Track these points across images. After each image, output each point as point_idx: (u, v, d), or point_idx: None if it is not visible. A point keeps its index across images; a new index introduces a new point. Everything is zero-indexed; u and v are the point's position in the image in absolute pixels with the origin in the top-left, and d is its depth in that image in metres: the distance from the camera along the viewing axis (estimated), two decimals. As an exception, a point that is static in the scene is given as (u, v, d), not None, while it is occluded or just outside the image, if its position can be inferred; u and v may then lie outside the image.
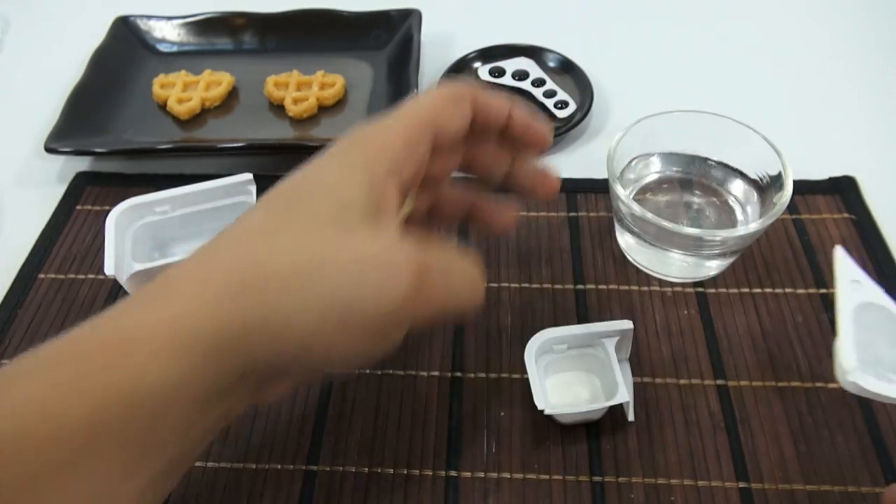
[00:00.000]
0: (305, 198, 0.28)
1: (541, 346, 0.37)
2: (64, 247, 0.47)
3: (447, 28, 0.64)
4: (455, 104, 0.31)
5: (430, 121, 0.30)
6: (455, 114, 0.31)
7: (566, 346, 0.38)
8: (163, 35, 0.61)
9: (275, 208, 0.28)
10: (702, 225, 0.44)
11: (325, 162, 0.29)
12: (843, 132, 0.54)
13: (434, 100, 0.31)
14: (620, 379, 0.36)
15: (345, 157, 0.29)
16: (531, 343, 0.37)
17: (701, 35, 0.63)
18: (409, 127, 0.30)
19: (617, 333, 0.37)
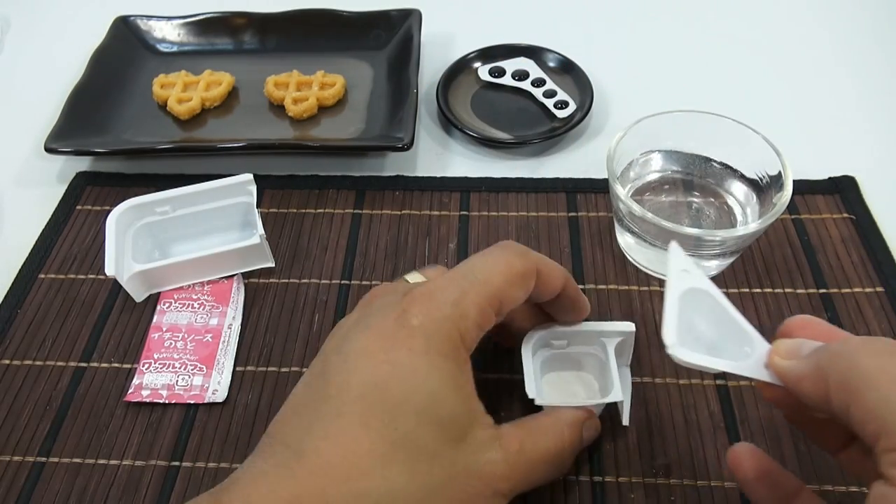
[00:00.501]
0: (410, 415, 0.27)
1: (539, 340, 0.36)
2: (64, 247, 0.47)
3: (447, 28, 0.64)
4: (524, 281, 0.31)
5: (499, 300, 0.30)
6: (521, 293, 0.31)
7: (566, 342, 0.37)
8: (163, 35, 0.61)
9: (376, 427, 0.27)
10: (702, 225, 0.44)
11: (413, 362, 0.28)
12: (843, 132, 0.54)
13: (507, 277, 0.30)
14: (616, 379, 0.35)
15: (432, 359, 0.28)
16: (529, 335, 0.36)
17: (701, 35, 0.63)
18: (482, 308, 0.29)
19: (618, 335, 0.37)
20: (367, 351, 0.28)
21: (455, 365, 0.29)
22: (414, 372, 0.28)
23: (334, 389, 0.28)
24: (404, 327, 0.28)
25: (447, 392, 0.28)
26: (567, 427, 0.32)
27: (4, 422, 0.39)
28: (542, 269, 0.32)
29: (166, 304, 0.43)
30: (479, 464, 0.29)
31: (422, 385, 0.28)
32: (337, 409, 0.27)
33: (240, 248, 0.43)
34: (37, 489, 0.36)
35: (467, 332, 0.29)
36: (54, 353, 0.42)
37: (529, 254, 0.32)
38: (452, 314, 0.29)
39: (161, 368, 0.40)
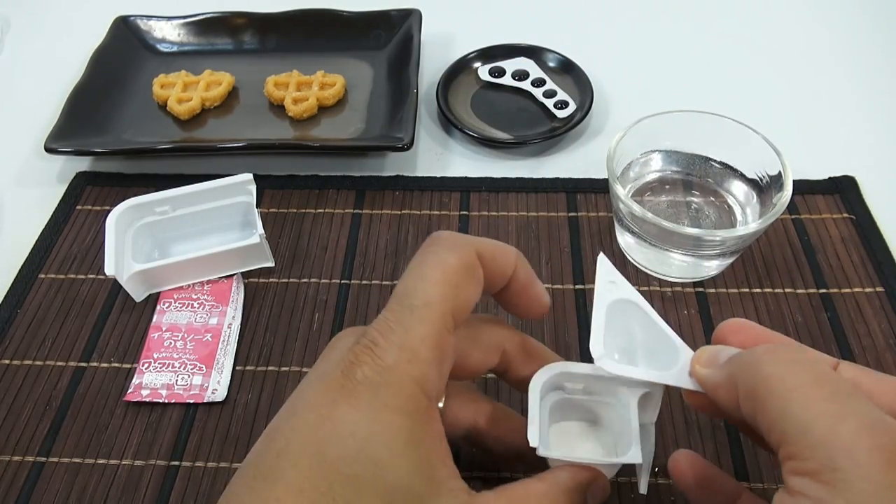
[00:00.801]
0: (347, 485, 0.23)
1: (550, 381, 0.30)
2: (64, 247, 0.47)
3: (447, 28, 0.64)
4: (468, 275, 0.26)
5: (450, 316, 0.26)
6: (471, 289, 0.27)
7: (581, 386, 0.31)
8: (163, 35, 0.61)
9: (312, 497, 0.23)
10: (702, 225, 0.44)
11: (356, 420, 0.24)
12: (843, 132, 0.54)
13: (447, 283, 0.26)
14: (636, 437, 0.29)
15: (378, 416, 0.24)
16: (540, 374, 0.30)
17: (701, 35, 0.63)
18: (434, 340, 0.25)
19: (643, 386, 0.30)
20: (310, 406, 0.25)
21: (410, 420, 0.24)
22: (355, 432, 0.23)
23: (275, 450, 0.24)
24: (349, 380, 0.24)
25: (396, 456, 0.23)
26: (564, 495, 0.27)
27: (4, 422, 0.39)
28: (485, 250, 0.27)
29: (166, 304, 0.43)
30: None
31: (362, 449, 0.23)
32: (274, 472, 0.24)
33: (239, 248, 0.43)
34: (37, 489, 0.36)
35: (425, 377, 0.25)
36: (54, 352, 0.42)
37: (464, 241, 0.27)
38: (399, 359, 0.24)
39: (161, 368, 0.40)
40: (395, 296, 0.26)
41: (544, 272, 0.45)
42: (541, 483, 0.27)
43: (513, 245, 0.46)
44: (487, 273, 0.27)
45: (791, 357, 0.24)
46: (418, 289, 0.26)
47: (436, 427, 0.25)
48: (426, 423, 0.25)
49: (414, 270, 0.26)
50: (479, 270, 0.27)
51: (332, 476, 0.23)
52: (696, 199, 0.45)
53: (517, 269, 0.29)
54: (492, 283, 0.28)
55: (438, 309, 0.25)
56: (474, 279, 0.27)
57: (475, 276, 0.27)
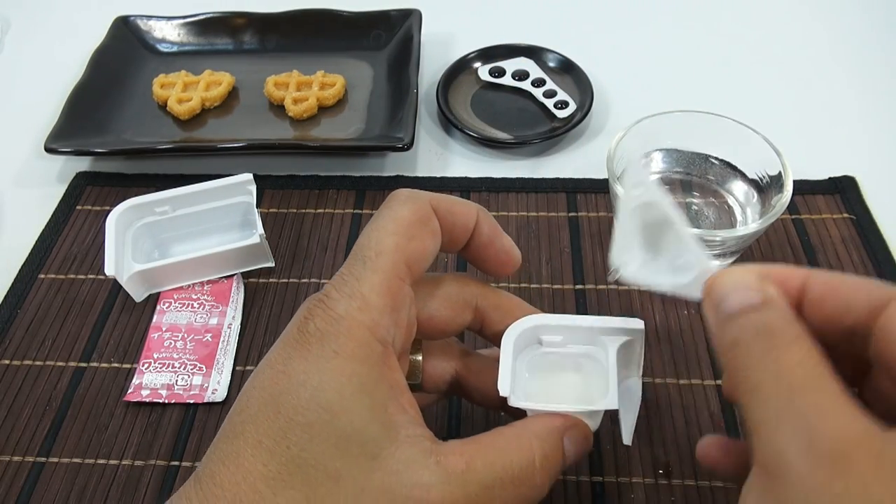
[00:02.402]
0: (300, 432, 0.23)
1: (526, 333, 0.30)
2: (64, 247, 0.47)
3: (447, 28, 0.64)
4: (422, 226, 0.27)
5: (404, 264, 0.26)
6: (427, 241, 0.27)
7: (560, 338, 0.30)
8: (163, 35, 0.61)
9: (269, 446, 0.24)
10: (702, 225, 0.44)
11: (307, 370, 0.24)
12: (843, 132, 0.54)
13: (399, 234, 0.26)
14: (614, 383, 0.28)
15: (328, 363, 0.24)
16: (514, 327, 0.29)
17: (701, 35, 0.63)
18: (384, 287, 0.25)
19: (623, 333, 0.30)
20: (269, 364, 0.25)
21: (362, 366, 0.24)
22: (306, 382, 0.24)
23: (238, 410, 0.25)
24: (302, 334, 0.25)
25: (348, 401, 0.24)
26: (537, 439, 0.26)
27: (4, 422, 0.39)
28: (441, 205, 0.27)
29: (166, 304, 0.43)
30: (403, 488, 0.23)
31: (314, 397, 0.24)
32: (235, 429, 0.24)
33: (239, 248, 0.43)
34: (37, 489, 0.36)
35: (376, 323, 0.25)
36: (54, 353, 0.42)
37: (419, 195, 0.27)
38: (349, 308, 0.25)
39: (161, 368, 0.40)
40: (352, 252, 0.27)
41: (544, 272, 0.45)
42: (511, 429, 0.27)
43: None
44: (446, 226, 0.28)
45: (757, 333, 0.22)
46: (371, 241, 0.26)
47: (393, 374, 0.25)
48: (380, 370, 0.25)
49: (369, 226, 0.27)
50: (434, 222, 0.27)
51: (286, 426, 0.24)
52: (696, 200, 0.45)
53: (479, 223, 0.29)
54: (453, 238, 0.28)
55: (390, 258, 0.26)
56: (429, 230, 0.27)
57: (430, 227, 0.27)
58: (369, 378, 0.24)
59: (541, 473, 0.26)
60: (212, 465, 0.24)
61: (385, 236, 0.26)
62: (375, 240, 0.26)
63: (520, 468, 0.25)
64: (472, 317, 0.30)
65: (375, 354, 0.25)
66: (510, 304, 0.30)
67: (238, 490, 0.23)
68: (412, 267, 0.26)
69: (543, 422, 0.27)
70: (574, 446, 0.27)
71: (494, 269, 0.30)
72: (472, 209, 0.29)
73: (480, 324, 0.30)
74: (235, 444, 0.24)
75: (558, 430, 0.27)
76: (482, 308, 0.30)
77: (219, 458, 0.24)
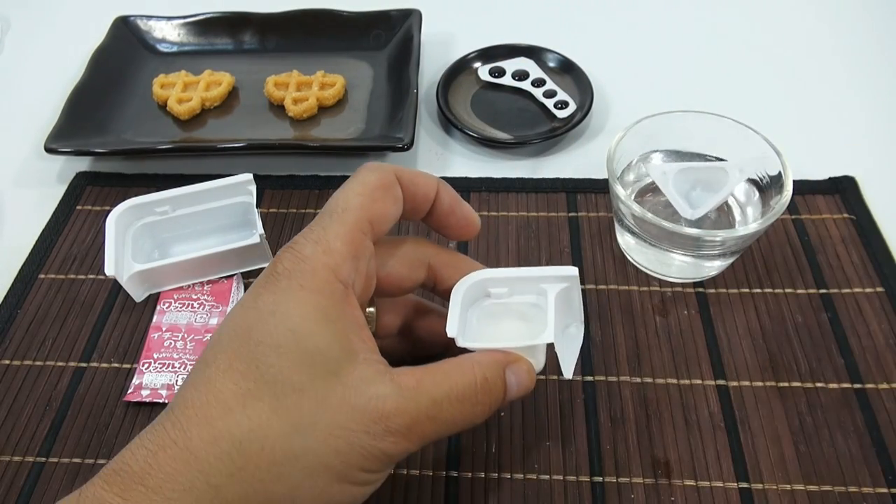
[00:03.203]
0: (269, 353, 0.26)
1: (475, 286, 0.32)
2: (64, 247, 0.47)
3: (447, 28, 0.64)
4: (386, 192, 0.30)
5: (367, 221, 0.29)
6: (389, 205, 0.30)
7: (506, 289, 0.33)
8: (163, 35, 0.61)
9: (239, 369, 0.26)
10: (702, 225, 0.44)
11: (275, 301, 0.27)
12: (843, 132, 0.54)
13: (365, 195, 0.29)
14: (551, 321, 0.31)
15: (294, 295, 0.27)
16: (463, 280, 0.32)
17: (701, 35, 0.63)
18: (347, 237, 0.28)
19: (559, 280, 0.32)
20: (240, 304, 0.28)
21: (326, 299, 0.27)
22: (275, 310, 0.27)
23: (210, 346, 0.28)
24: (271, 275, 0.28)
25: (312, 325, 0.27)
26: (479, 365, 0.29)
27: (4, 422, 0.39)
28: (404, 176, 0.31)
29: (166, 304, 0.43)
30: (361, 399, 0.26)
31: (282, 322, 0.26)
32: (207, 360, 0.27)
33: (239, 248, 0.43)
34: (37, 489, 0.36)
35: (338, 266, 0.28)
36: (54, 353, 0.42)
37: (385, 166, 0.31)
38: (315, 251, 0.28)
39: (161, 368, 0.40)
40: (322, 209, 0.30)
41: (544, 272, 0.45)
42: (457, 358, 0.29)
43: (513, 245, 0.46)
44: (408, 195, 0.31)
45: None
46: (339, 199, 0.29)
47: (354, 312, 0.28)
48: (342, 305, 0.28)
49: (339, 189, 0.30)
50: (396, 189, 0.30)
51: (256, 349, 0.26)
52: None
53: (440, 193, 0.32)
54: (415, 205, 0.32)
55: (355, 214, 0.29)
56: (391, 195, 0.30)
57: (393, 193, 0.30)
58: (332, 310, 0.27)
59: (482, 394, 0.29)
60: (184, 392, 0.27)
61: (352, 196, 0.29)
62: (343, 199, 0.29)
63: (463, 387, 0.28)
64: (426, 274, 0.33)
65: (338, 292, 0.28)
66: (460, 262, 0.33)
67: (209, 409, 0.26)
68: (374, 225, 0.29)
69: (486, 354, 0.30)
70: (516, 378, 0.30)
71: (456, 234, 0.34)
72: (433, 181, 0.32)
73: (434, 281, 0.33)
74: (207, 371, 0.27)
75: (499, 362, 0.30)
76: (435, 266, 0.33)
77: (191, 384, 0.27)
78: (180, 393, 0.27)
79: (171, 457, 0.25)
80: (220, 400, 0.26)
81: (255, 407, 0.26)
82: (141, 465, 0.25)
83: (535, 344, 0.31)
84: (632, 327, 0.41)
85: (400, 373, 0.28)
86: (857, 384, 0.39)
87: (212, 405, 0.26)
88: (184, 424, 0.26)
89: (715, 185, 0.42)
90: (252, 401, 0.26)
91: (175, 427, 0.26)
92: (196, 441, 0.25)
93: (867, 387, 0.38)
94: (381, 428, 0.26)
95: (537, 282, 0.32)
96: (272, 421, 0.26)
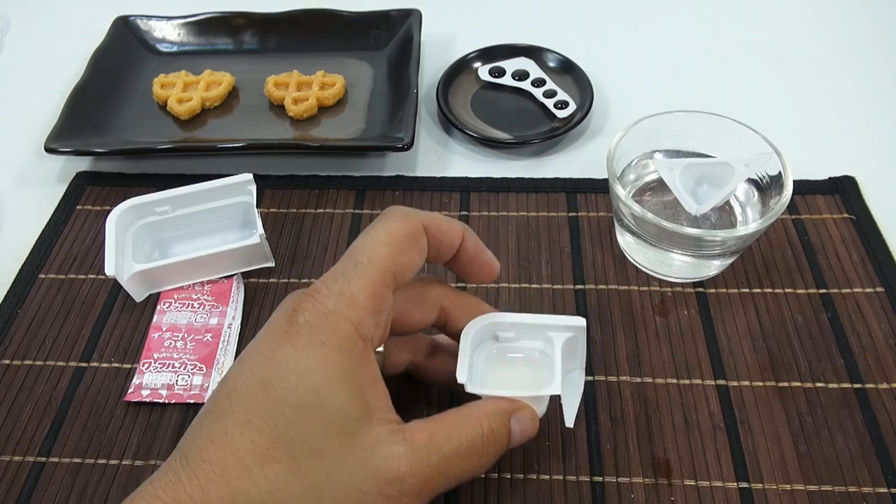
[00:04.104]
0: (289, 412, 0.26)
1: (483, 329, 0.33)
2: (64, 247, 0.47)
3: (447, 28, 0.64)
4: (412, 242, 0.30)
5: (391, 273, 0.29)
6: (414, 256, 0.30)
7: (513, 334, 0.34)
8: (163, 35, 0.61)
9: (257, 425, 0.26)
10: (702, 225, 0.44)
11: (296, 358, 0.27)
12: (843, 132, 0.54)
13: (391, 246, 0.29)
14: (558, 372, 0.32)
15: (317, 353, 0.27)
16: (472, 323, 0.33)
17: (701, 35, 0.63)
18: (371, 291, 0.28)
19: (566, 330, 0.33)
20: (257, 351, 0.28)
21: (345, 356, 0.27)
22: (296, 368, 0.27)
23: (225, 392, 0.27)
24: (292, 325, 0.27)
25: (332, 385, 0.27)
26: (485, 416, 0.30)
27: (4, 422, 0.39)
28: (431, 224, 0.30)
29: (166, 304, 0.43)
30: (377, 460, 0.27)
31: (302, 380, 0.26)
32: (223, 410, 0.27)
33: (240, 248, 0.43)
34: (37, 489, 0.36)
35: (360, 321, 0.28)
36: (54, 353, 0.42)
37: (412, 213, 0.30)
38: (338, 305, 0.27)
39: (161, 368, 0.40)
40: (345, 255, 0.29)
41: (544, 272, 0.45)
42: (464, 408, 0.30)
43: (513, 245, 0.46)
44: (434, 243, 0.31)
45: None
46: (365, 248, 0.29)
47: (371, 368, 0.28)
48: (361, 363, 0.28)
49: (364, 235, 0.30)
50: (423, 240, 0.30)
51: (275, 406, 0.26)
52: (696, 199, 0.45)
53: (465, 241, 0.32)
54: (439, 253, 0.32)
55: (380, 265, 0.29)
56: (417, 247, 0.30)
57: (418, 244, 0.30)
58: (351, 368, 0.27)
59: (488, 445, 0.30)
60: (199, 442, 0.26)
61: (378, 246, 0.29)
62: (369, 248, 0.29)
63: (472, 440, 0.29)
64: (437, 315, 0.33)
65: (357, 348, 0.28)
66: (471, 304, 0.34)
67: (226, 464, 0.25)
68: (397, 277, 0.29)
69: (492, 403, 0.31)
70: (520, 425, 0.31)
71: (477, 279, 0.34)
72: (459, 228, 0.32)
73: (444, 321, 0.34)
74: (223, 423, 0.26)
75: (505, 411, 0.30)
76: (446, 308, 0.33)
77: (206, 435, 0.26)
78: (194, 440, 0.27)
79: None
80: (238, 457, 0.26)
81: (273, 468, 0.26)
82: None
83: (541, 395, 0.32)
84: (632, 327, 0.41)
85: (412, 430, 0.28)
86: (857, 384, 0.39)
87: (229, 462, 0.25)
88: (201, 480, 0.25)
89: (720, 181, 0.42)
90: (270, 462, 0.26)
91: (191, 481, 0.25)
92: (213, 499, 0.25)
93: (867, 387, 0.38)
94: (395, 490, 0.27)
95: (545, 330, 0.33)
96: (290, 483, 0.26)
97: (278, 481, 0.25)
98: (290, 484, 0.25)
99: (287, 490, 0.25)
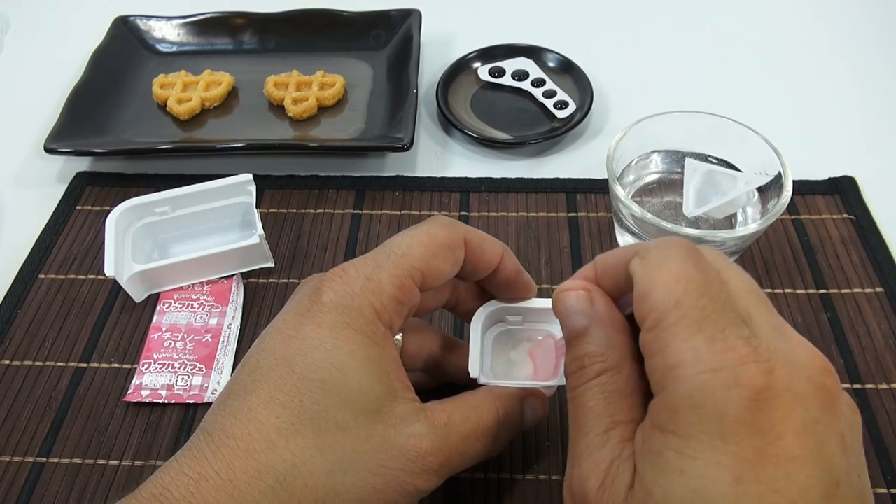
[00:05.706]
0: (314, 388, 0.26)
1: (491, 315, 0.34)
2: (64, 247, 0.47)
3: (447, 28, 0.64)
4: (449, 251, 0.30)
5: (420, 273, 0.29)
6: (447, 264, 0.30)
7: (521, 318, 0.35)
8: (163, 35, 0.61)
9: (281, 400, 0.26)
10: (702, 225, 0.44)
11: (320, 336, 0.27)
12: (843, 132, 0.54)
13: (428, 247, 0.29)
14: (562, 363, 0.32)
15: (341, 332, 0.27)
16: (481, 310, 0.34)
17: (701, 35, 0.63)
18: (399, 282, 0.28)
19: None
20: (279, 330, 0.28)
21: (368, 339, 0.27)
22: (320, 346, 0.27)
23: (247, 370, 0.28)
24: (316, 304, 0.28)
25: (356, 365, 0.27)
26: (499, 401, 0.31)
27: (4, 422, 0.39)
28: (473, 239, 0.30)
29: (166, 305, 0.43)
30: (400, 438, 0.27)
31: (327, 358, 0.27)
32: (246, 387, 0.27)
33: (239, 248, 0.43)
34: (37, 489, 0.36)
35: (384, 308, 0.28)
36: (54, 353, 0.42)
37: (456, 225, 0.30)
38: (364, 289, 0.28)
39: (160, 369, 0.40)
40: (381, 245, 0.30)
41: (544, 272, 0.45)
42: (479, 392, 0.31)
43: (513, 245, 0.46)
44: (472, 259, 0.31)
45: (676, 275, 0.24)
46: (403, 243, 0.29)
47: (392, 352, 0.29)
48: (383, 347, 0.28)
49: (405, 232, 0.30)
50: (460, 252, 0.30)
51: (300, 383, 0.26)
52: (696, 200, 0.45)
53: (504, 261, 0.32)
54: (476, 269, 0.31)
55: (413, 261, 0.29)
56: (453, 256, 0.30)
57: (455, 254, 0.30)
58: (374, 350, 0.28)
59: (504, 429, 0.30)
60: (223, 420, 0.26)
61: (416, 244, 0.29)
62: (406, 244, 0.29)
63: (488, 422, 0.30)
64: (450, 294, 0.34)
65: (379, 334, 0.28)
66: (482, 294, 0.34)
67: (251, 440, 0.26)
68: (427, 278, 0.29)
69: (504, 390, 0.32)
70: (531, 410, 0.32)
71: (515, 298, 0.34)
72: (499, 249, 0.32)
73: (455, 302, 0.34)
74: (247, 400, 0.26)
75: (517, 398, 0.32)
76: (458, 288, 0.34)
77: (230, 412, 0.26)
78: (217, 418, 0.27)
79: (213, 487, 0.25)
80: (262, 433, 0.26)
81: (298, 443, 0.26)
82: (182, 492, 0.25)
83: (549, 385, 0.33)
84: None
85: (432, 409, 0.29)
86: (857, 384, 0.39)
87: (254, 437, 0.26)
88: (226, 455, 0.25)
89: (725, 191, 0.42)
90: (295, 437, 0.26)
91: (216, 457, 0.25)
92: (239, 474, 0.25)
93: (867, 387, 0.38)
94: (418, 467, 0.27)
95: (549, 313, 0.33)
96: (316, 458, 0.26)
97: (304, 456, 0.26)
98: (315, 459, 0.26)
99: (312, 465, 0.26)
